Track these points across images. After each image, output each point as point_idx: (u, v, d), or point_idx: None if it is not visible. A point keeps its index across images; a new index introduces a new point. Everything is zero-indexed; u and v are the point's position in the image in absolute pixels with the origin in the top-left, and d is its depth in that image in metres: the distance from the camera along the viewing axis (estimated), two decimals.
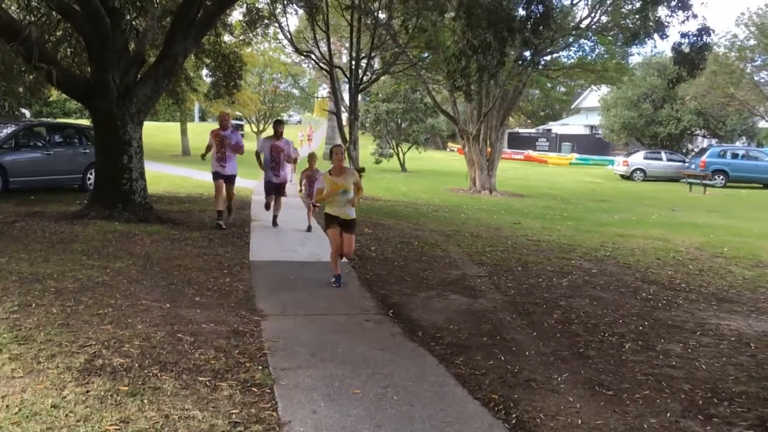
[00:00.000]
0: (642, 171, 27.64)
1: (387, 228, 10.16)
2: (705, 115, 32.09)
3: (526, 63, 15.73)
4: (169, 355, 4.03)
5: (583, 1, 18.22)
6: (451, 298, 6.10)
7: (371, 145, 28.29)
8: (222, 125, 9.20)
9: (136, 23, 9.80)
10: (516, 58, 15.37)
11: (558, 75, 22.81)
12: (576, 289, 6.59)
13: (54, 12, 8.86)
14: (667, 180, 26.58)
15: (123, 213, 8.96)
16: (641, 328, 5.30)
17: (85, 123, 16.93)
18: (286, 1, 15.64)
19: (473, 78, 9.82)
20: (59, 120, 27.84)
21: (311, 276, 6.69)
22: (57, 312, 4.73)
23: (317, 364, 4.11)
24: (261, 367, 3.97)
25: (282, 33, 17.65)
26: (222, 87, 14.61)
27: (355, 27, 15.11)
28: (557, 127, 48.09)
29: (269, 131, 9.65)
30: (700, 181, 22.71)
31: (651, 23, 8.76)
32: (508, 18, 8.40)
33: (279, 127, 9.62)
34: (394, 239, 9.10)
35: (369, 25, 15.34)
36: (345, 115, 16.84)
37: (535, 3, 8.55)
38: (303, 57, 19.26)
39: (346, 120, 16.98)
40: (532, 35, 8.43)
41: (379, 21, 15.25)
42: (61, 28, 11.17)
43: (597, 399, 3.79)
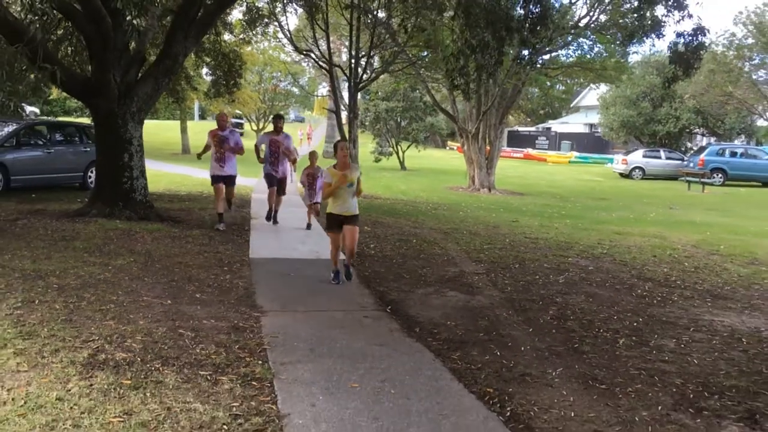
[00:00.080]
0: (641, 169, 27.71)
1: (386, 226, 10.23)
2: (704, 114, 32.18)
3: (524, 62, 15.80)
4: (171, 350, 4.11)
5: (582, 0, 18.30)
6: (449, 294, 6.17)
7: (371, 144, 28.36)
8: (220, 125, 8.95)
9: (136, 22, 9.86)
10: (515, 57, 15.43)
11: (557, 74, 22.88)
12: (572, 286, 6.66)
13: (55, 11, 8.91)
14: (666, 178, 26.66)
15: (124, 211, 9.04)
16: (635, 324, 5.37)
17: (86, 121, 16.98)
18: (285, 0, 15.71)
19: (472, 77, 9.89)
20: (60, 119, 27.90)
21: (311, 273, 6.77)
22: (60, 308, 4.81)
23: (316, 358, 4.18)
24: (261, 362, 4.04)
25: (282, 32, 17.78)
26: (222, 85, 14.73)
27: (355, 26, 15.18)
28: (557, 126, 48.13)
29: (269, 129, 9.66)
30: (698, 180, 22.80)
31: (648, 23, 8.84)
32: (506, 18, 8.46)
33: (279, 122, 9.58)
34: (392, 237, 9.17)
35: (368, 24, 15.40)
36: (344, 114, 16.90)
37: (533, 3, 8.61)
38: (303, 56, 19.32)
39: (345, 118, 17.04)
40: (529, 35, 8.50)
41: (379, 20, 15.31)
42: (62, 27, 11.23)
43: (590, 392, 3.87)
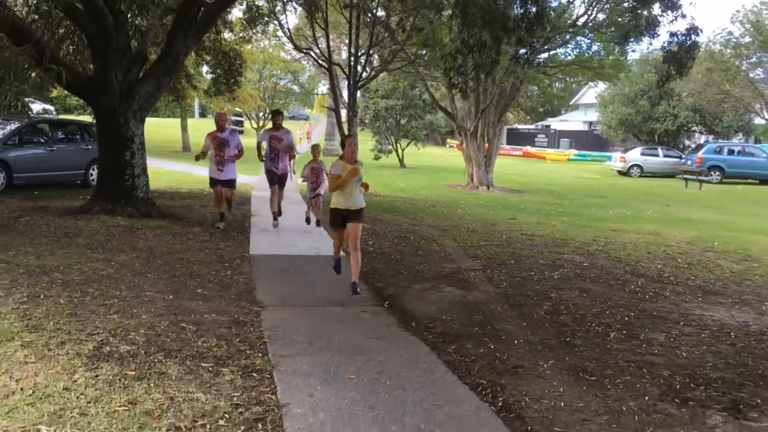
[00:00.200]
0: (639, 167, 27.80)
1: (385, 223, 10.34)
2: (701, 112, 32.27)
3: (522, 61, 15.88)
4: (173, 343, 4.23)
5: None
6: (445, 290, 6.29)
7: (370, 142, 28.45)
8: (219, 126, 8.74)
9: (138, 22, 9.97)
10: (512, 55, 15.51)
11: (555, 72, 22.96)
12: (566, 282, 6.78)
13: (59, 10, 9.01)
14: (664, 176, 26.75)
15: (126, 208, 9.16)
16: (627, 318, 5.49)
17: (86, 119, 17.08)
18: None
19: (469, 76, 9.99)
20: (61, 116, 27.99)
21: (310, 269, 6.89)
22: (65, 302, 4.93)
23: (314, 351, 4.30)
24: (261, 355, 4.16)
25: (281, 30, 17.89)
26: (222, 84, 14.82)
27: (354, 24, 15.27)
28: (556, 123, 48.21)
29: (269, 126, 9.62)
30: (695, 177, 22.90)
31: (642, 22, 8.94)
32: (503, 17, 8.57)
33: (277, 118, 9.29)
34: (391, 234, 9.29)
35: (368, 23, 15.49)
36: (344, 112, 17.00)
37: (530, 2, 8.71)
38: (302, 54, 19.40)
39: (345, 116, 17.14)
40: (526, 34, 8.61)
41: (378, 19, 15.41)
42: (64, 26, 11.33)
43: (580, 384, 3.99)
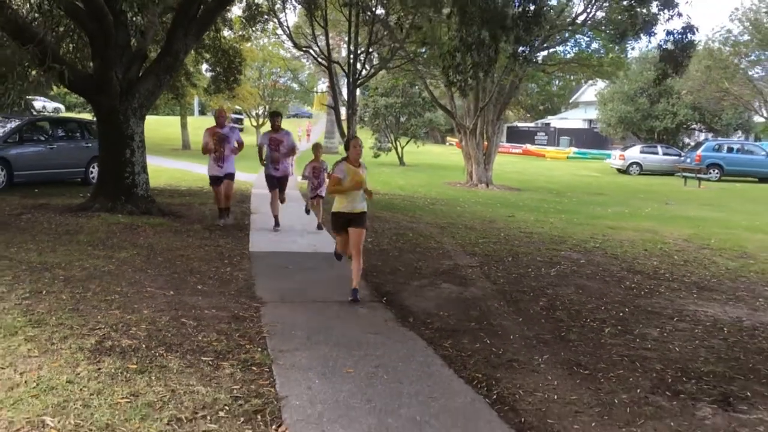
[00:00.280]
0: (638, 165, 27.86)
1: (383, 220, 10.41)
2: (701, 110, 32.35)
3: (521, 59, 15.94)
4: (174, 338, 4.30)
5: None
6: (443, 286, 6.36)
7: (370, 139, 28.51)
8: (219, 123, 8.80)
9: (137, 20, 10.03)
10: (511, 53, 15.57)
11: (554, 70, 23.01)
12: (563, 279, 6.85)
13: (60, 10, 9.07)
14: (663, 174, 26.81)
15: (126, 205, 9.22)
16: (622, 314, 5.56)
17: (87, 117, 17.14)
18: None
19: (468, 74, 10.04)
20: (62, 115, 28.04)
21: (309, 266, 6.97)
22: (67, 298, 5.00)
23: (313, 346, 4.37)
24: (260, 349, 4.23)
25: (281, 28, 17.94)
26: (222, 82, 14.88)
27: (353, 22, 15.32)
28: (556, 121, 48.28)
29: (268, 128, 9.59)
30: (694, 175, 22.96)
31: (639, 21, 9.01)
32: (501, 16, 8.62)
33: (276, 120, 9.19)
34: (389, 231, 9.36)
35: (367, 21, 15.54)
36: (344, 110, 17.05)
37: (528, 1, 8.76)
38: (302, 52, 19.46)
39: (344, 114, 17.19)
40: (524, 33, 8.65)
41: (377, 17, 15.46)
42: (64, 24, 11.38)
43: (574, 377, 4.06)
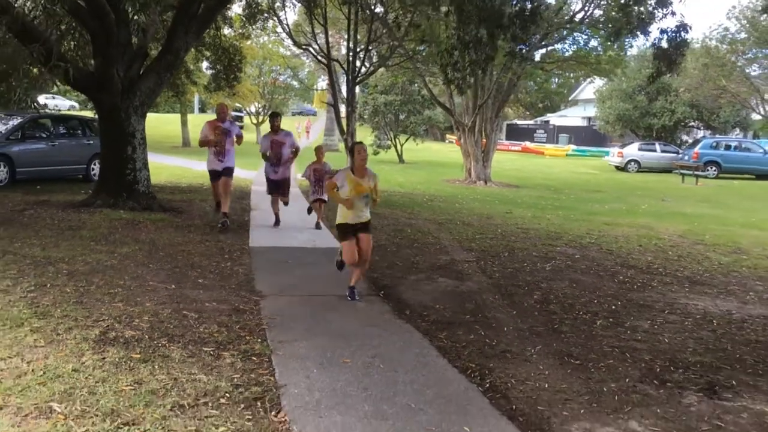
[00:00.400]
0: (636, 162, 27.98)
1: (382, 217, 10.51)
2: (698, 107, 32.44)
3: (519, 57, 16.04)
4: (176, 329, 4.42)
5: None
6: (439, 280, 6.48)
7: (369, 137, 28.61)
8: (221, 117, 8.71)
9: (138, 18, 10.13)
10: (509, 51, 15.67)
11: (552, 67, 23.09)
12: (557, 273, 6.97)
13: (65, 9, 9.17)
14: (661, 171, 26.93)
15: (127, 202, 9.34)
16: (614, 307, 5.68)
17: (87, 114, 17.23)
18: None
19: (466, 72, 10.14)
20: (63, 112, 28.14)
21: (308, 261, 7.09)
22: (71, 291, 5.12)
23: (311, 337, 4.49)
24: (260, 340, 4.34)
25: (281, 26, 18.05)
26: (222, 79, 14.99)
27: (353, 21, 15.42)
28: (555, 119, 48.41)
29: (268, 130, 9.52)
30: (692, 172, 23.06)
31: (634, 20, 9.10)
32: (498, 14, 8.71)
33: (275, 121, 9.01)
34: (388, 227, 9.47)
35: (366, 18, 15.64)
36: (343, 107, 17.15)
37: (524, 0, 8.86)
38: (301, 50, 19.56)
39: (344, 112, 17.29)
40: (520, 31, 8.75)
41: (376, 15, 15.55)
42: (65, 22, 11.48)
43: (565, 367, 4.18)
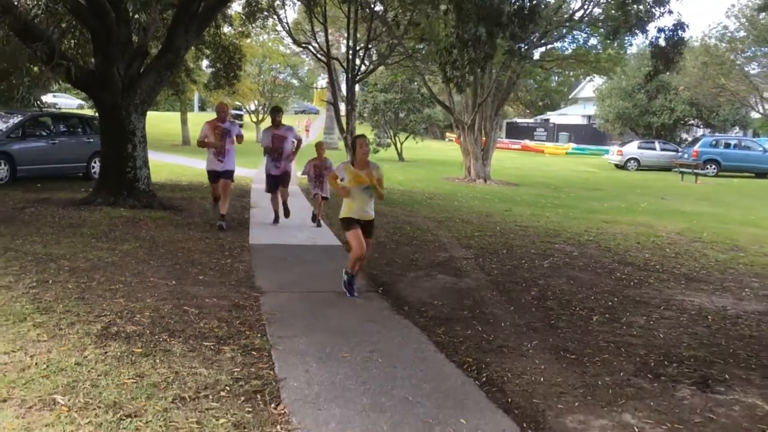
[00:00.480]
0: (636, 160, 28.02)
1: (381, 215, 10.53)
2: (698, 106, 32.48)
3: (518, 55, 16.08)
4: (177, 324, 4.47)
5: None
6: (438, 277, 6.53)
7: (369, 135, 28.62)
8: (221, 117, 8.57)
9: (138, 17, 10.18)
10: (508, 50, 15.71)
11: (551, 66, 23.12)
12: (555, 270, 7.02)
13: (66, 8, 9.22)
14: (661, 169, 26.96)
15: (128, 200, 9.39)
16: (610, 303, 5.73)
17: (87, 113, 17.29)
18: None
19: (465, 70, 10.18)
20: (63, 110, 28.13)
21: (308, 258, 7.13)
22: (72, 287, 5.17)
23: (310, 333, 4.54)
24: (260, 335, 4.40)
25: (280, 25, 18.07)
26: (222, 78, 15.04)
27: (352, 19, 15.45)
28: (555, 117, 48.46)
29: (269, 121, 9.59)
30: (691, 171, 23.11)
31: (632, 18, 9.15)
32: (497, 13, 8.76)
33: (276, 116, 8.97)
34: (387, 225, 9.52)
35: (366, 17, 15.67)
36: (343, 106, 17.19)
37: None
38: (301, 48, 19.60)
39: (344, 110, 17.33)
40: (519, 30, 8.79)
41: (376, 13, 15.58)
42: (66, 21, 11.52)
43: (560, 362, 4.23)
